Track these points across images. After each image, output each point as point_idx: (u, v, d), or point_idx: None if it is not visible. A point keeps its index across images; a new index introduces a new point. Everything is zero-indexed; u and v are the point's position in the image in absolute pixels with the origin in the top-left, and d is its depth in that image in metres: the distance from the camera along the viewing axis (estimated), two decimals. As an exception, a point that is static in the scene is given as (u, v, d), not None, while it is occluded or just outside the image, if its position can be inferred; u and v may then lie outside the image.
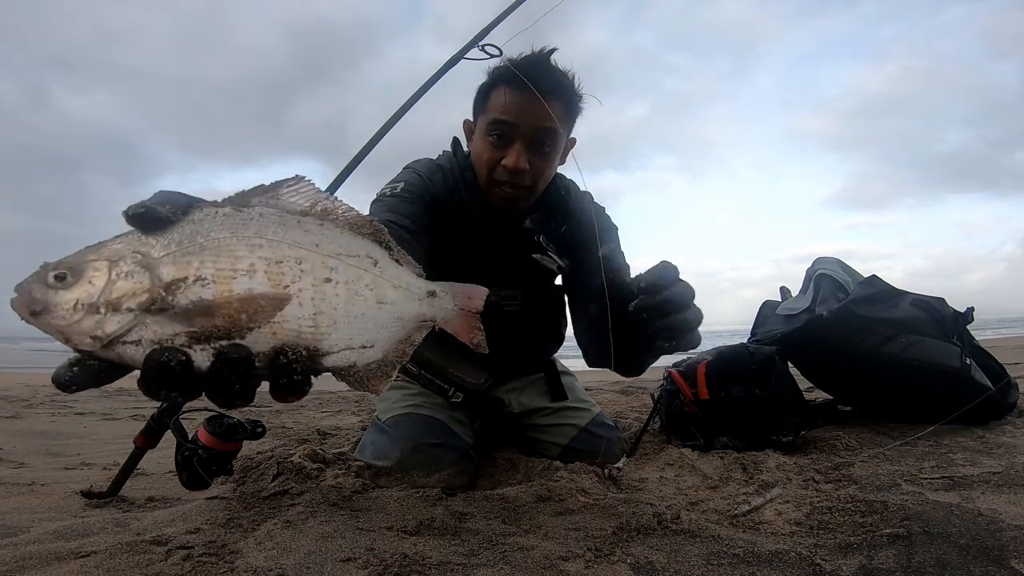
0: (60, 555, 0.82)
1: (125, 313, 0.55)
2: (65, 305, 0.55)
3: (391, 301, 0.66)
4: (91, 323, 0.54)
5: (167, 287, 0.55)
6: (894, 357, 1.52)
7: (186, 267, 0.56)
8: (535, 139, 1.22)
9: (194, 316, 0.55)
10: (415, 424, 1.32)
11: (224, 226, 0.58)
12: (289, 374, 0.57)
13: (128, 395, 4.09)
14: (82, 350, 0.56)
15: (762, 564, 0.77)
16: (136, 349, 0.55)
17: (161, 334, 0.55)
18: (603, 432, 1.50)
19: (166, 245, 0.56)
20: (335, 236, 0.63)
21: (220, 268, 0.56)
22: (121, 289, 0.55)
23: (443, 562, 0.78)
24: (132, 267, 0.56)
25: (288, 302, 0.58)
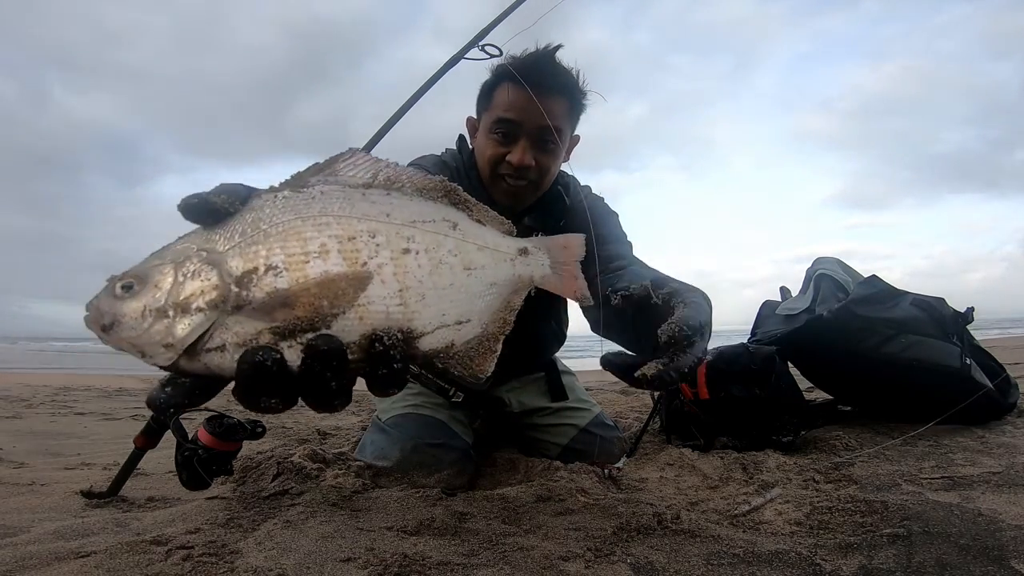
0: (60, 555, 0.82)
1: (195, 314, 0.51)
2: (132, 314, 0.51)
3: (480, 266, 0.61)
4: (161, 329, 0.51)
5: (239, 281, 0.51)
6: (894, 357, 1.52)
7: (254, 257, 0.52)
8: (540, 136, 1.22)
9: (273, 309, 0.51)
10: (415, 424, 1.32)
11: (286, 209, 0.54)
12: (388, 362, 0.52)
13: (128, 395, 4.09)
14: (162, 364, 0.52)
15: (762, 564, 0.77)
16: (222, 355, 0.51)
17: (243, 334, 0.51)
18: (603, 432, 1.50)
19: (229, 237, 0.53)
20: (405, 203, 0.58)
21: (291, 253, 0.52)
22: (188, 289, 0.51)
23: (443, 562, 0.78)
24: (198, 265, 0.52)
25: (369, 280, 0.53)
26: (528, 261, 0.65)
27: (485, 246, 0.62)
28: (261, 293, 0.51)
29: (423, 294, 0.56)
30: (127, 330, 0.51)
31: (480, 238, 0.62)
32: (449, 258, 0.58)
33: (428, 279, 0.56)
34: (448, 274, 0.58)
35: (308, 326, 0.51)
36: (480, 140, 1.31)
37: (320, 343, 0.50)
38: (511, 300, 0.63)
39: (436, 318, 0.57)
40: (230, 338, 0.51)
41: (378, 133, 1.29)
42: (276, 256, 0.52)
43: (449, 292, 0.57)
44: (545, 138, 1.23)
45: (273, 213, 0.54)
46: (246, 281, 0.51)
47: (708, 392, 1.45)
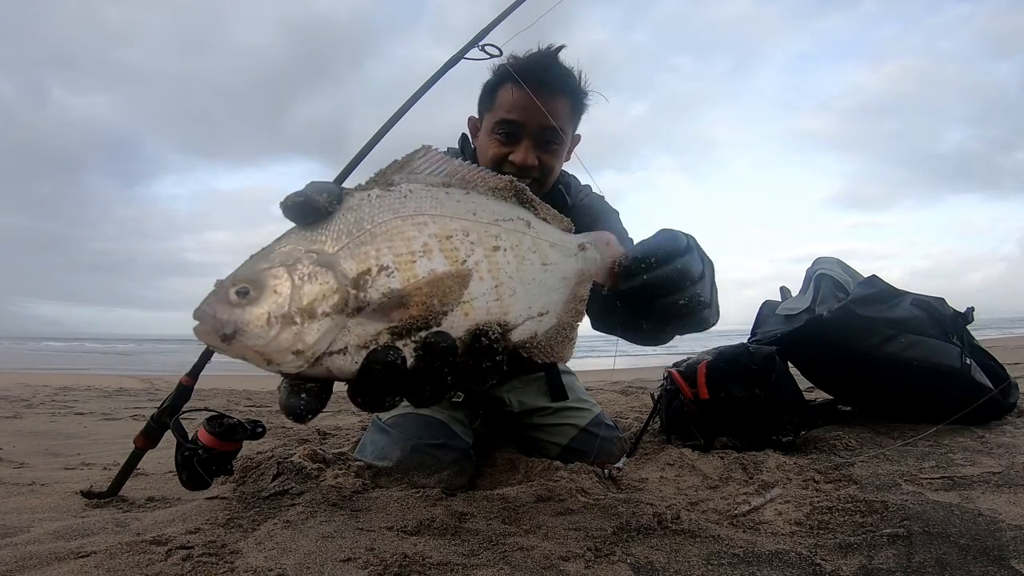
0: (60, 555, 0.82)
1: (322, 319, 0.50)
2: (257, 322, 0.49)
3: (553, 261, 0.64)
4: (289, 337, 0.49)
5: (355, 283, 0.51)
6: (894, 357, 1.52)
7: (365, 258, 0.52)
8: (542, 137, 1.23)
9: (391, 309, 0.51)
10: (415, 424, 1.32)
11: (383, 208, 0.54)
12: (492, 355, 0.54)
13: (128, 395, 4.09)
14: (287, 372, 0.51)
15: (762, 564, 0.77)
16: (344, 358, 0.51)
17: (364, 336, 0.51)
18: (603, 432, 1.50)
19: (336, 238, 0.52)
20: (485, 203, 0.60)
21: (398, 254, 0.53)
22: (310, 293, 0.50)
23: (443, 562, 0.78)
24: (312, 268, 0.51)
25: (470, 278, 0.55)
26: (587, 256, 0.69)
27: (555, 243, 0.65)
28: (377, 294, 0.52)
29: (513, 289, 0.58)
30: (253, 339, 0.49)
31: (550, 235, 0.65)
32: (530, 255, 0.61)
33: (516, 275, 0.59)
34: (530, 270, 0.61)
35: (422, 324, 0.52)
36: (482, 140, 1.31)
37: (438, 340, 0.51)
38: (578, 291, 0.66)
39: (524, 311, 0.59)
40: (352, 340, 0.51)
41: (378, 133, 1.29)
42: (385, 256, 0.53)
43: (532, 286, 0.60)
44: (548, 138, 1.23)
45: (373, 212, 0.54)
46: (362, 283, 0.52)
47: (708, 392, 1.45)
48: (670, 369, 1.57)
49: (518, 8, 1.36)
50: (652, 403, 1.61)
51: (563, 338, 0.63)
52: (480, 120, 1.35)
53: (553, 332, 0.62)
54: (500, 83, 1.27)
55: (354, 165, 1.28)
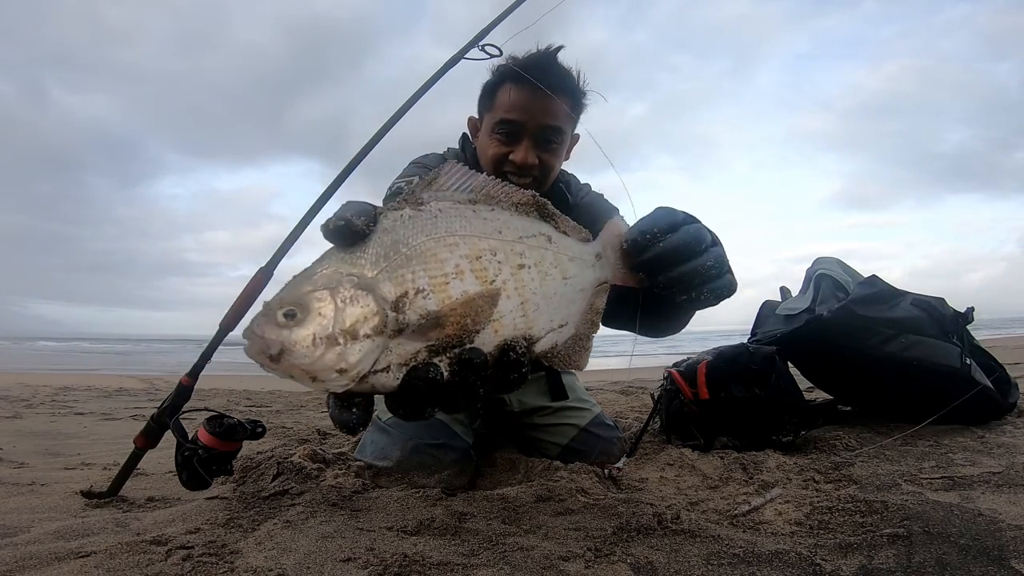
0: (60, 555, 0.82)
1: (363, 340, 0.53)
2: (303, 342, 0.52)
3: (573, 274, 0.66)
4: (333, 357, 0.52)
5: (394, 306, 0.54)
6: (894, 357, 1.52)
7: (402, 281, 0.55)
8: (541, 136, 1.24)
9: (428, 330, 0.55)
10: (416, 424, 1.32)
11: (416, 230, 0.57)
12: (519, 367, 0.58)
13: (128, 395, 4.09)
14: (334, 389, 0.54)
15: (762, 564, 0.77)
16: (387, 376, 0.54)
17: (404, 355, 0.55)
18: (603, 432, 1.50)
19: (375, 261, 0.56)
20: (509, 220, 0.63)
21: (433, 276, 0.56)
22: (352, 316, 0.53)
23: (443, 562, 0.78)
24: (353, 291, 0.54)
25: (499, 296, 0.58)
26: (603, 264, 0.71)
27: (574, 256, 0.68)
28: (415, 316, 0.55)
29: (537, 304, 0.61)
30: (299, 358, 0.52)
31: (569, 249, 0.68)
32: (551, 270, 0.64)
33: (539, 290, 0.62)
34: (552, 284, 0.63)
35: (457, 342, 0.56)
36: (483, 140, 1.32)
37: (472, 356, 0.55)
38: (594, 303, 0.69)
39: (546, 324, 0.62)
40: (393, 359, 0.54)
41: (379, 133, 1.29)
42: (421, 279, 0.55)
43: (553, 300, 0.63)
44: (548, 137, 1.24)
45: (407, 234, 0.57)
46: (401, 305, 0.55)
47: (708, 392, 1.45)
48: (670, 369, 1.57)
49: (518, 8, 1.36)
50: (652, 403, 1.61)
51: (580, 348, 0.66)
52: (480, 120, 1.36)
53: (571, 342, 0.66)
54: (500, 83, 1.28)
55: (355, 165, 1.28)
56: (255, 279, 1.17)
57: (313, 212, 1.26)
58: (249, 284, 1.17)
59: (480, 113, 1.36)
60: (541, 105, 1.20)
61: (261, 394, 4.08)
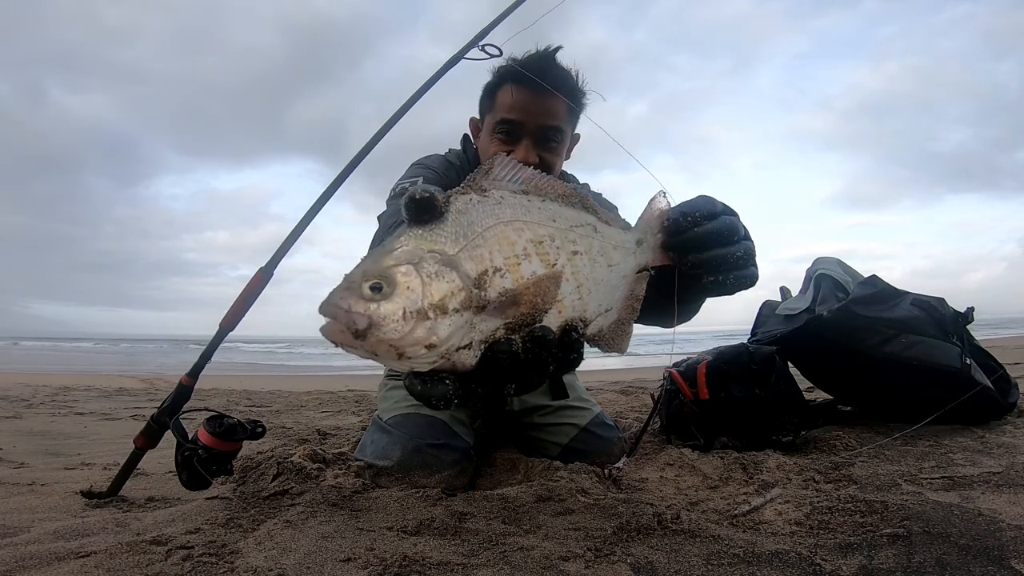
0: (60, 555, 0.82)
1: (452, 315, 0.53)
2: (394, 316, 0.51)
3: (616, 262, 0.68)
4: (424, 332, 0.51)
5: (476, 283, 0.55)
6: (894, 357, 1.52)
7: (480, 260, 0.56)
8: (542, 136, 1.25)
9: (506, 307, 0.55)
10: (417, 424, 1.32)
11: (486, 213, 0.59)
12: (579, 347, 0.60)
13: (128, 395, 4.09)
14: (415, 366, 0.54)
15: (762, 564, 0.77)
16: (468, 353, 0.54)
17: (486, 332, 0.55)
18: (603, 432, 1.50)
19: (455, 239, 0.56)
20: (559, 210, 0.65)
21: (506, 256, 0.57)
22: (440, 291, 0.53)
23: (443, 562, 0.78)
24: (437, 267, 0.54)
25: (561, 279, 0.60)
26: (643, 249, 0.73)
27: (617, 244, 0.70)
28: (495, 293, 0.55)
29: (590, 289, 0.63)
30: (389, 333, 0.51)
31: (613, 237, 0.70)
32: (599, 257, 0.66)
33: (591, 276, 0.64)
34: (599, 271, 0.66)
35: (530, 320, 0.57)
36: (484, 140, 1.33)
37: (545, 334, 0.57)
38: (635, 289, 0.71)
39: (596, 308, 0.64)
40: (476, 336, 0.55)
41: (379, 132, 1.30)
42: (497, 259, 0.56)
43: (601, 286, 0.65)
44: (548, 136, 1.26)
45: (480, 217, 0.58)
46: (482, 282, 0.55)
47: (708, 392, 1.45)
48: (670, 369, 1.57)
49: (518, 8, 1.37)
50: (652, 403, 1.61)
51: (623, 332, 0.69)
52: (481, 121, 1.37)
53: (615, 327, 0.68)
54: (500, 84, 1.29)
55: (355, 164, 1.28)
56: (255, 279, 1.17)
57: (313, 212, 1.26)
58: (249, 284, 1.17)
59: (481, 114, 1.37)
60: (541, 105, 1.22)
61: (261, 394, 4.08)
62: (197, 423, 1.06)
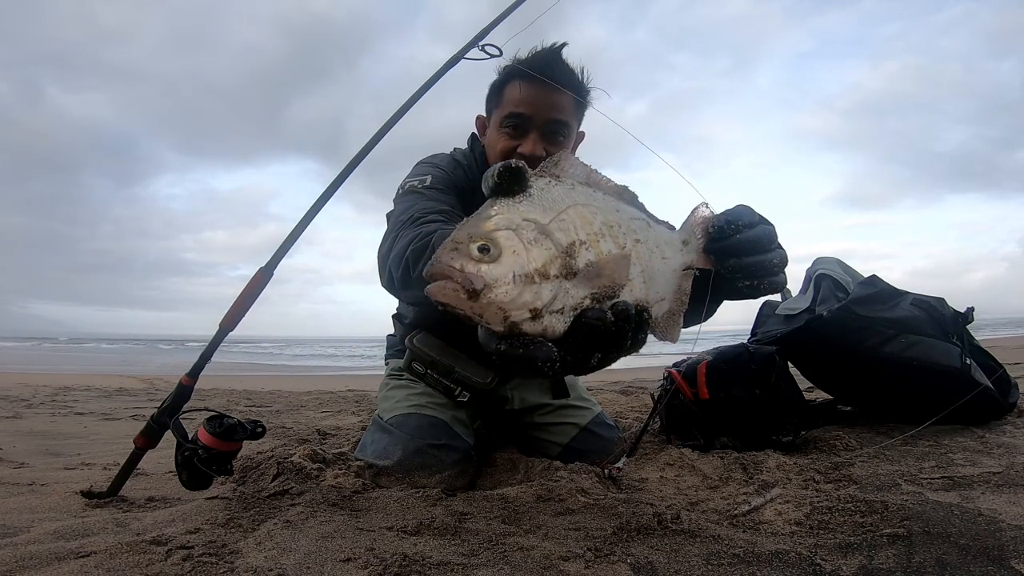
0: (60, 555, 0.82)
1: (553, 280, 0.55)
2: (505, 279, 0.53)
3: (668, 256, 0.71)
4: (531, 295, 0.53)
5: (567, 251, 0.57)
6: (894, 357, 1.52)
7: (568, 232, 0.58)
8: (549, 129, 1.27)
9: (592, 277, 0.57)
10: (418, 424, 1.33)
11: (564, 194, 0.61)
12: (646, 328, 0.61)
13: (128, 395, 4.09)
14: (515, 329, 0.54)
15: (762, 564, 0.77)
16: (558, 318, 0.56)
17: (577, 298, 0.56)
18: (604, 432, 1.50)
19: (544, 211, 0.58)
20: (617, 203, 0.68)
21: (589, 232, 0.59)
22: (540, 257, 0.55)
23: (443, 562, 0.78)
24: (535, 235, 0.56)
25: (630, 260, 0.62)
26: (689, 249, 0.76)
27: (667, 240, 0.73)
28: (582, 263, 0.57)
29: (652, 276, 0.65)
30: (500, 295, 0.53)
31: (663, 233, 0.73)
32: (655, 249, 0.68)
33: (650, 264, 0.66)
34: (656, 262, 0.68)
35: (611, 294, 0.58)
36: (491, 135, 1.35)
37: (627, 307, 0.58)
38: (682, 284, 0.74)
39: (655, 295, 0.66)
40: (569, 302, 0.56)
41: (380, 132, 1.30)
42: (581, 233, 0.59)
43: (658, 276, 0.67)
44: (554, 130, 1.28)
45: (559, 196, 0.61)
46: (571, 252, 0.57)
47: (708, 392, 1.45)
48: (670, 369, 1.57)
49: (518, 8, 1.37)
50: (652, 403, 1.61)
51: (674, 322, 0.71)
52: (488, 118, 1.39)
53: (666, 316, 0.71)
54: (507, 80, 1.31)
55: (356, 164, 1.28)
56: (255, 279, 1.17)
57: (313, 212, 1.26)
58: (249, 284, 1.17)
59: (488, 111, 1.39)
60: (548, 99, 1.24)
61: (261, 394, 4.08)
62: (197, 423, 1.06)
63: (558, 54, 1.29)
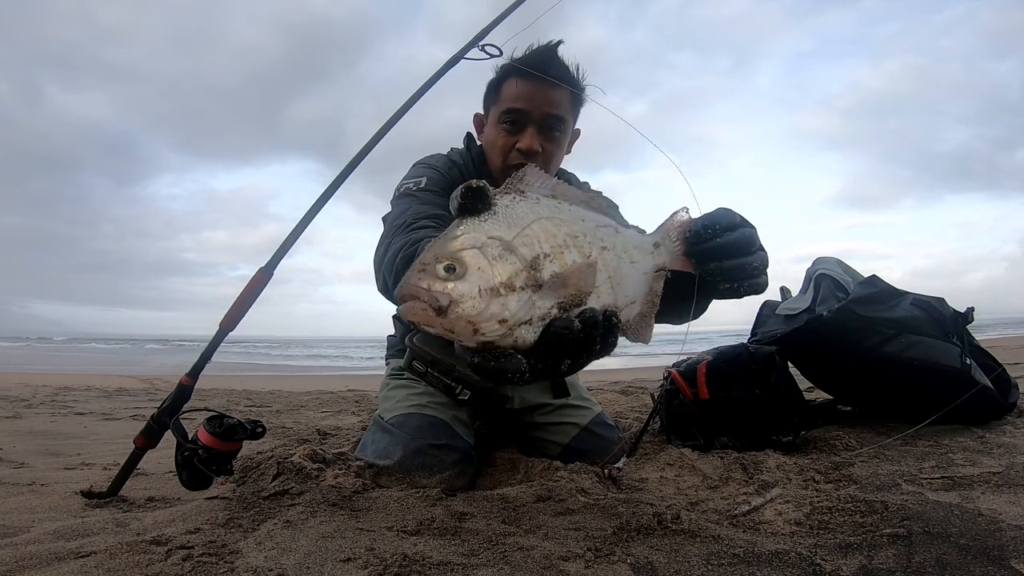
0: (60, 555, 0.82)
1: (519, 292, 0.57)
2: (471, 293, 0.56)
3: (637, 260, 0.74)
4: (497, 307, 0.56)
5: (531, 265, 0.59)
6: (894, 357, 1.52)
7: (532, 246, 0.60)
8: (546, 124, 1.29)
9: (557, 288, 0.60)
10: (418, 424, 1.33)
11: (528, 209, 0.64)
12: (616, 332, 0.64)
13: (128, 395, 4.09)
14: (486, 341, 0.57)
15: (762, 564, 0.77)
16: (527, 328, 0.58)
17: (543, 308, 0.59)
18: (604, 432, 1.50)
19: (508, 228, 0.61)
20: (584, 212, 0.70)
21: (552, 245, 0.62)
22: (505, 271, 0.58)
23: (443, 562, 0.78)
24: (499, 251, 0.59)
25: (596, 269, 0.64)
26: (661, 252, 0.77)
27: (637, 245, 0.75)
28: (547, 275, 0.60)
29: (619, 281, 0.68)
30: (467, 308, 0.55)
31: (632, 238, 0.75)
32: (623, 254, 0.71)
33: (618, 270, 0.68)
34: (624, 266, 0.70)
35: (578, 302, 0.62)
36: (489, 132, 1.37)
37: (594, 314, 0.61)
38: (654, 286, 0.76)
39: (624, 299, 0.69)
40: (536, 312, 0.59)
41: (379, 132, 1.30)
42: (544, 246, 0.61)
43: (627, 280, 0.70)
44: (551, 126, 1.30)
45: (524, 211, 0.63)
46: (535, 265, 0.60)
47: (708, 392, 1.45)
48: (670, 369, 1.57)
49: (518, 8, 1.37)
50: (652, 403, 1.61)
51: (646, 324, 0.73)
52: (486, 115, 1.41)
53: (637, 318, 0.73)
54: (505, 78, 1.33)
55: (356, 164, 1.29)
56: (255, 279, 1.17)
57: (313, 212, 1.26)
58: (249, 284, 1.17)
59: (486, 108, 1.41)
60: (545, 95, 1.26)
61: (261, 394, 4.08)
62: (197, 423, 1.06)
63: (554, 51, 1.31)
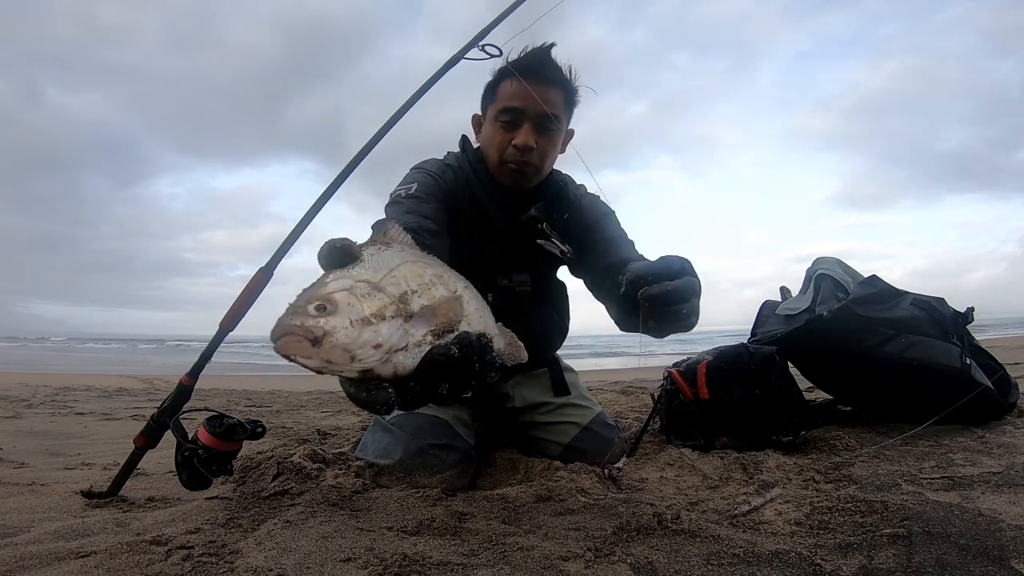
0: (60, 555, 0.82)
1: (390, 320, 0.62)
2: (342, 324, 0.59)
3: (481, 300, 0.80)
4: (370, 334, 0.60)
5: (400, 299, 0.64)
6: (894, 357, 1.52)
7: (399, 284, 0.66)
8: (540, 122, 1.32)
9: (428, 317, 0.65)
10: (419, 423, 1.33)
11: (393, 256, 0.71)
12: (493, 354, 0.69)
13: (128, 395, 4.09)
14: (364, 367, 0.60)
15: (762, 564, 0.77)
16: (405, 355, 0.62)
17: (417, 335, 0.64)
18: (604, 432, 1.50)
19: (375, 272, 0.66)
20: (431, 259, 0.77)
21: (420, 283, 0.68)
22: (374, 304, 0.62)
23: (443, 562, 0.78)
24: (367, 290, 0.63)
25: (462, 301, 0.71)
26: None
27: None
28: (417, 307, 0.65)
29: (480, 314, 0.74)
30: (342, 338, 0.59)
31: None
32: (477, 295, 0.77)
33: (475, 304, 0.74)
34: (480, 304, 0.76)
35: (451, 328, 0.67)
36: (487, 131, 1.40)
37: (467, 337, 0.66)
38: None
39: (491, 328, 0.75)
40: (410, 339, 0.63)
41: (379, 132, 1.30)
42: (412, 284, 0.67)
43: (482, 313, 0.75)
44: (545, 124, 1.33)
45: (388, 259, 0.69)
46: (404, 299, 0.65)
47: (708, 392, 1.45)
48: (670, 369, 1.57)
49: (518, 8, 1.38)
50: (652, 403, 1.61)
51: (516, 346, 0.81)
52: (483, 115, 1.43)
53: (509, 340, 0.80)
54: (501, 79, 1.36)
55: (356, 164, 1.29)
56: (255, 279, 1.17)
57: (313, 212, 1.26)
58: (249, 284, 1.17)
59: (483, 108, 1.43)
60: (539, 93, 1.29)
61: (261, 394, 4.08)
62: (197, 423, 1.06)
63: (547, 52, 1.35)
